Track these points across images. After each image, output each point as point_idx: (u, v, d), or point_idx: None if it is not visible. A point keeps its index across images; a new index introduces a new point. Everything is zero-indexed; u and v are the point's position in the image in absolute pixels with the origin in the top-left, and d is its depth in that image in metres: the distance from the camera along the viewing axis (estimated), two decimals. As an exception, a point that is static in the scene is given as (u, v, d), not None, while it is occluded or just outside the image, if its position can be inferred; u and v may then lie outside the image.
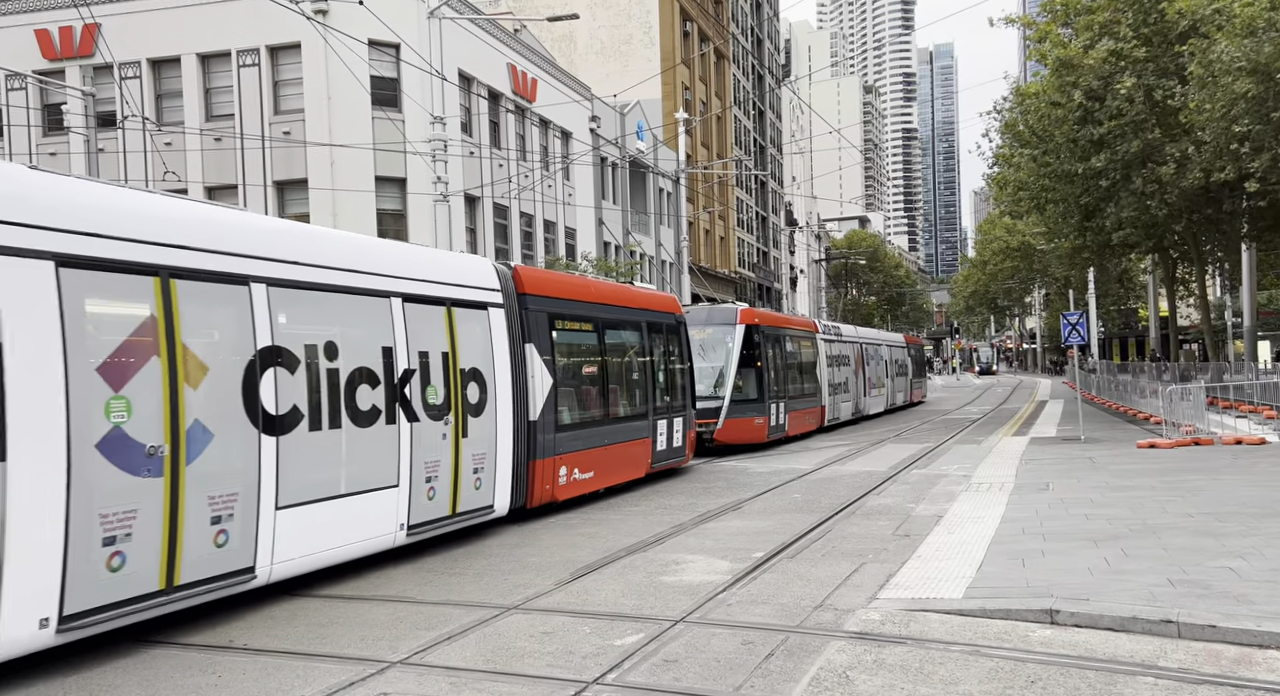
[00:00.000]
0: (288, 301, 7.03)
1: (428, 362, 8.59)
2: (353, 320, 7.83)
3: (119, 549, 5.66)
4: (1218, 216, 23.57)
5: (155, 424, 5.89)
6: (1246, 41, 16.65)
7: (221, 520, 6.36)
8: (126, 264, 5.84)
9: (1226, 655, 5.02)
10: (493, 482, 9.54)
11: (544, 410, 10.57)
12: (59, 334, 5.38)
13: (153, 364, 5.92)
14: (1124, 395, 26.34)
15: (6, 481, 5.05)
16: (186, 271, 6.23)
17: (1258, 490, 10.21)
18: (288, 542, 6.87)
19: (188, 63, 25.08)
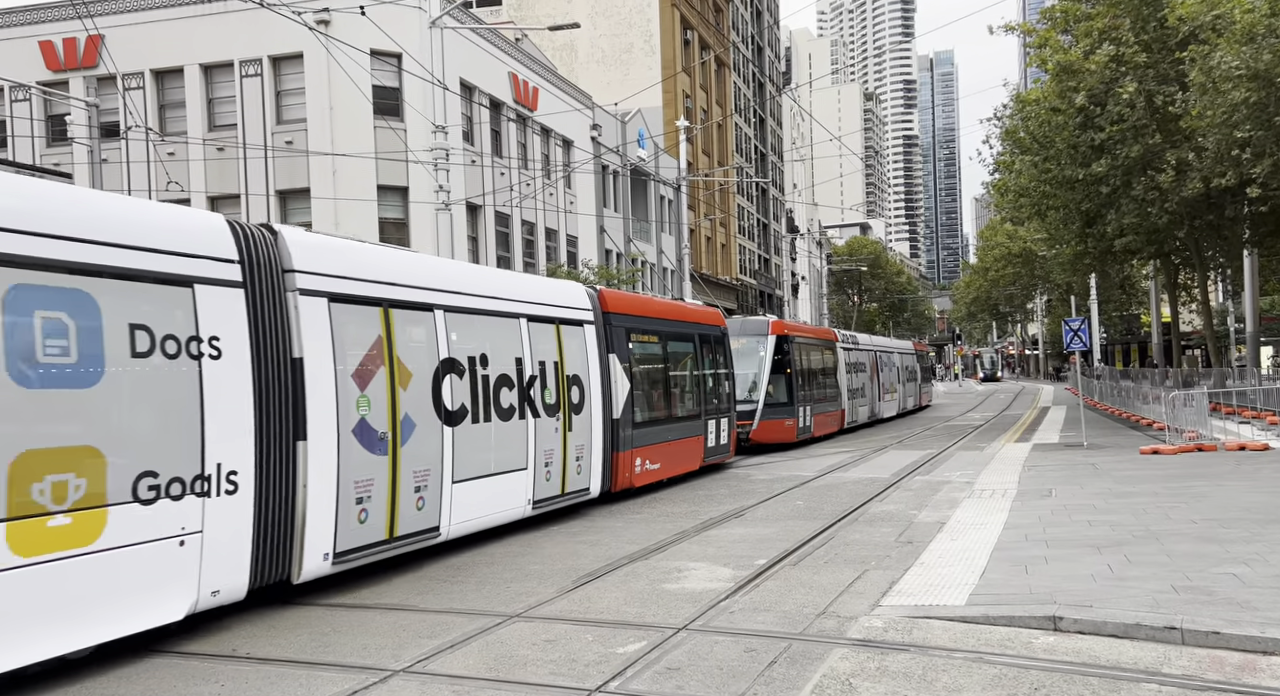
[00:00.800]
0: (456, 323, 9.07)
1: (544, 370, 10.61)
2: (496, 337, 9.80)
3: (364, 507, 7.61)
4: (1219, 222, 23.56)
5: (383, 416, 7.86)
6: (1246, 48, 16.68)
7: (420, 489, 8.32)
8: (365, 299, 7.87)
9: (1230, 662, 5.01)
10: (589, 469, 11.50)
11: (624, 410, 12.42)
12: (330, 350, 7.38)
13: (381, 371, 7.90)
14: (1127, 401, 26.31)
15: (308, 455, 7.04)
16: (398, 303, 8.25)
17: (1261, 496, 10.18)
18: (459, 509, 8.83)
19: (190, 73, 25.21)
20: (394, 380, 8.01)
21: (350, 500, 7.43)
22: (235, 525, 6.44)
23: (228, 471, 6.38)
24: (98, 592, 5.49)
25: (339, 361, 7.44)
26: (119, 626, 5.63)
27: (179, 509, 6.01)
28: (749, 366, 19.40)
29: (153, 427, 5.94)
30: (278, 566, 6.89)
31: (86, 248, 5.61)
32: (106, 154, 22.12)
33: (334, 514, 7.28)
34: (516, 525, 10.27)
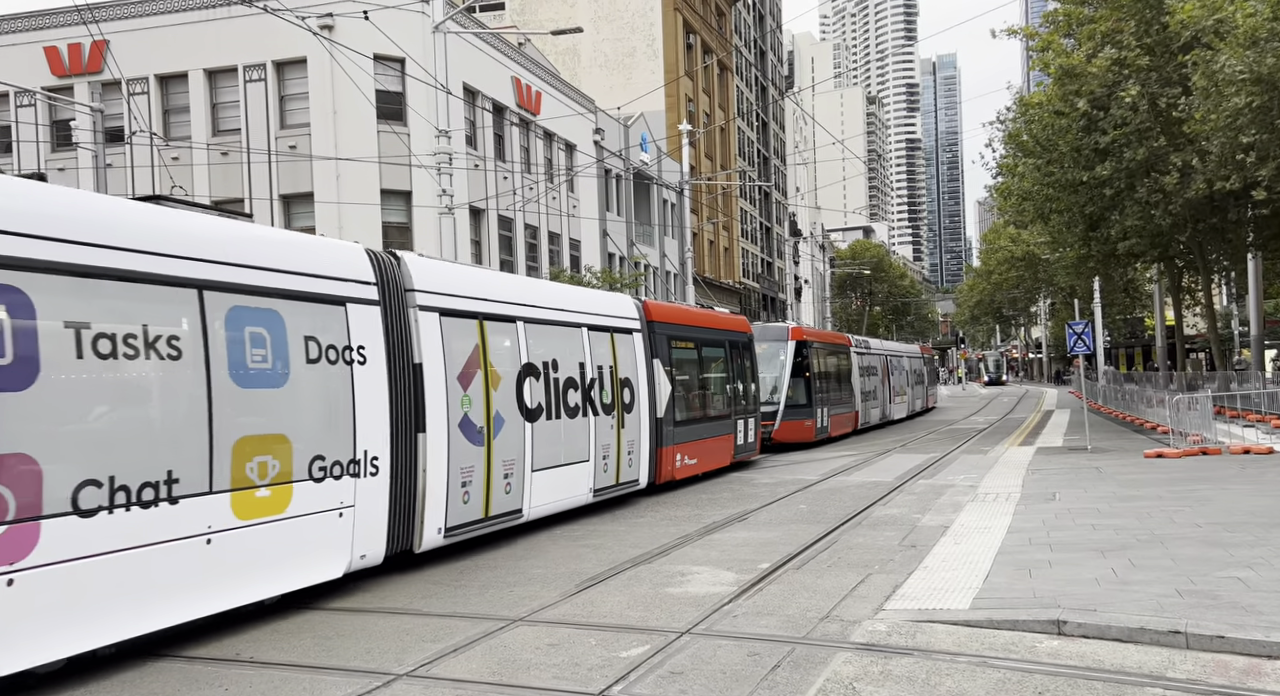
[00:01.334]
0: (533, 333, 10.42)
1: (601, 374, 11.89)
2: (563, 345, 11.07)
3: (466, 490, 8.99)
4: (1223, 225, 23.53)
5: (480, 413, 9.28)
6: (1249, 52, 16.66)
7: (508, 476, 9.70)
8: (466, 313, 9.24)
9: (1235, 666, 4.99)
10: (639, 463, 12.81)
11: (666, 410, 13.65)
12: (442, 357, 8.73)
13: (478, 375, 9.31)
14: (1131, 404, 26.25)
15: (426, 445, 8.40)
16: (490, 316, 9.63)
17: (1266, 500, 10.16)
18: (536, 494, 10.20)
19: (195, 78, 25.30)
20: (488, 382, 9.50)
21: (457, 484, 8.89)
22: (377, 501, 7.83)
23: (372, 457, 7.78)
24: (286, 551, 6.91)
25: (448, 366, 8.86)
26: (299, 579, 7.01)
27: (339, 486, 7.42)
28: (770, 370, 20.42)
29: (321, 420, 7.35)
30: (404, 537, 8.27)
31: (277, 276, 7.02)
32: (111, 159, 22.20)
33: (445, 495, 8.71)
34: (519, 529, 10.28)
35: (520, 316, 10.25)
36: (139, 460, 5.84)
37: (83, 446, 5.55)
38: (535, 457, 10.19)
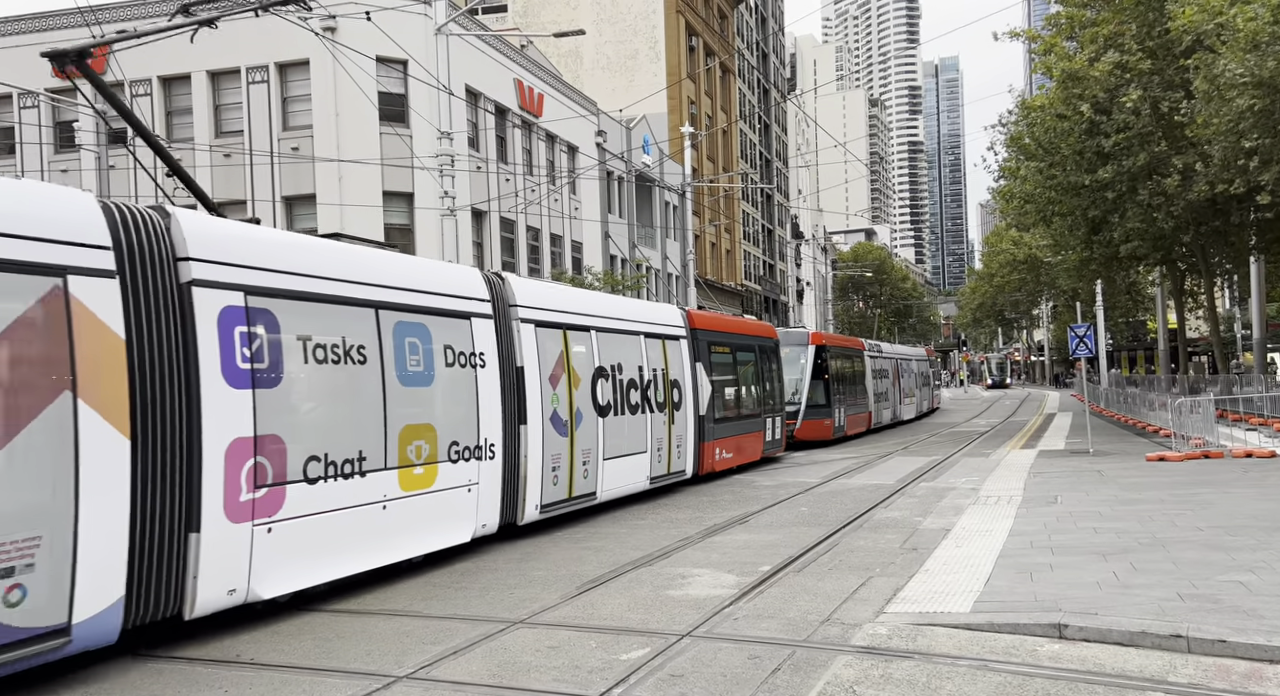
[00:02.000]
0: (603, 340, 12.06)
1: (655, 376, 13.45)
2: (625, 350, 12.66)
3: (555, 473, 10.60)
4: (1226, 228, 23.50)
5: (565, 408, 10.87)
6: (1250, 56, 16.65)
7: (586, 463, 11.27)
8: (553, 324, 10.90)
9: (1237, 670, 4.98)
10: (685, 455, 14.34)
11: (707, 408, 15.18)
12: (537, 361, 10.39)
13: (563, 376, 10.89)
14: (1133, 408, 26.21)
15: (526, 435, 10.00)
16: (570, 326, 11.29)
17: (1268, 503, 10.13)
18: (607, 480, 11.84)
19: (197, 80, 25.34)
20: (570, 383, 11.08)
21: (549, 468, 10.51)
22: (493, 480, 9.48)
23: (490, 443, 9.41)
24: (432, 518, 8.55)
25: (541, 369, 10.47)
26: (439, 541, 8.65)
27: (468, 467, 9.06)
28: (792, 373, 21.65)
29: (456, 412, 8.97)
30: (511, 511, 9.91)
31: (425, 296, 8.70)
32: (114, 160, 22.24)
33: (540, 477, 10.32)
34: (521, 530, 10.28)
35: (593, 326, 11.94)
36: (342, 441, 7.52)
37: (309, 430, 7.25)
38: (606, 448, 11.86)
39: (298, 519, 7.01)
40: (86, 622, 5.39)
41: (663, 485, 13.56)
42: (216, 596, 6.35)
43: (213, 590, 6.31)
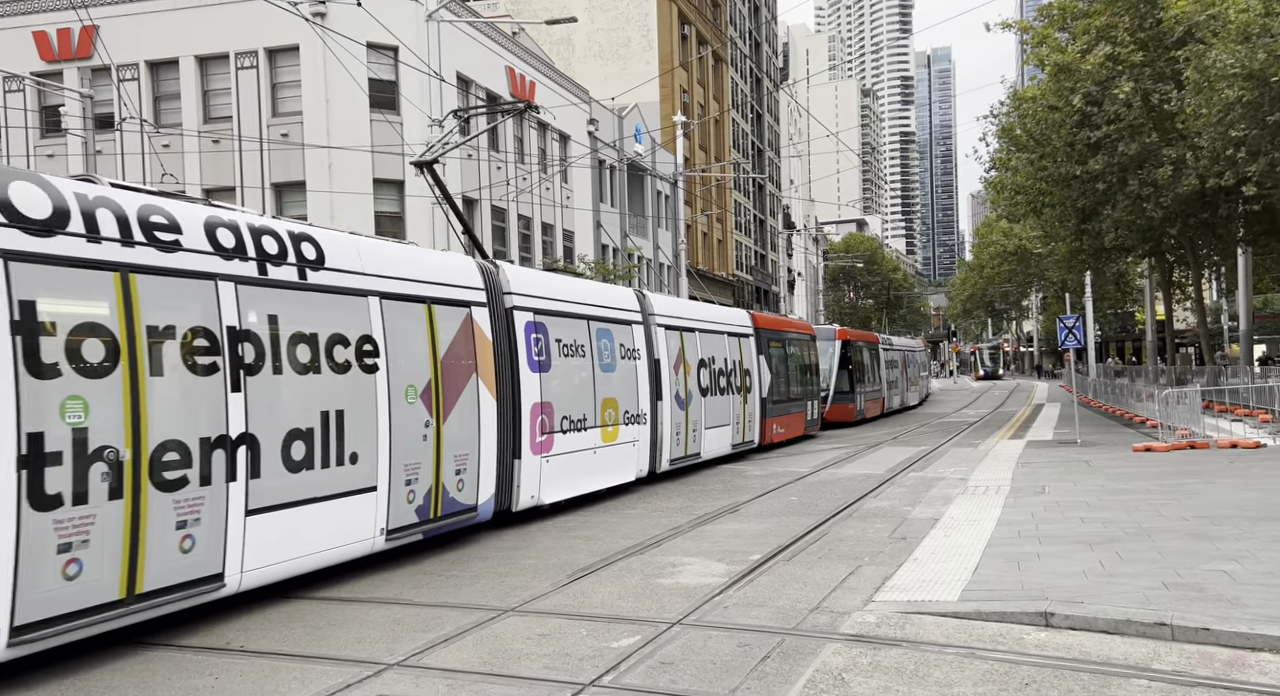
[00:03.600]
0: (704, 339, 15.83)
1: (734, 366, 17.20)
2: (716, 346, 16.41)
3: (678, 437, 14.34)
4: (1214, 220, 23.63)
5: (683, 390, 14.52)
6: (1240, 48, 16.71)
7: (695, 431, 15.03)
8: (675, 327, 14.66)
9: (1220, 657, 5.04)
10: (754, 428, 18.14)
11: (768, 392, 18.97)
12: (666, 354, 14.09)
13: (680, 365, 14.58)
14: (1120, 399, 26.40)
15: (661, 409, 13.67)
16: (684, 328, 15.03)
17: (1253, 493, 10.23)
18: (706, 445, 15.52)
19: (186, 65, 25.09)
20: (685, 371, 14.85)
21: (674, 433, 14.34)
22: (645, 440, 13.35)
23: (643, 413, 13.29)
24: (615, 463, 12.39)
25: (668, 360, 14.29)
26: (617, 478, 12.42)
27: (632, 429, 12.96)
28: (823, 364, 24.82)
29: (627, 390, 12.85)
30: (654, 463, 13.75)
31: (611, 310, 12.75)
32: (101, 145, 22.03)
33: (670, 439, 14.12)
34: (512, 518, 10.29)
35: (696, 328, 15.70)
36: (576, 408, 11.49)
37: (563, 399, 11.15)
38: (706, 420, 15.63)
39: (558, 455, 11.01)
40: (481, 505, 9.40)
41: (742, 450, 17.58)
42: (525, 499, 10.35)
43: (524, 495, 10.32)
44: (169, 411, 6.13)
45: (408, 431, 8.30)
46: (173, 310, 6.25)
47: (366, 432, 7.81)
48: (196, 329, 6.40)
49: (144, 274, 6.08)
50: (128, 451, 5.81)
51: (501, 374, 9.85)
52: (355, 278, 7.95)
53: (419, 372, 8.57)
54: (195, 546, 6.25)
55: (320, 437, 7.34)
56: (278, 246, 7.25)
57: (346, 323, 7.77)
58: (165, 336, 6.17)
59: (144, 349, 5.99)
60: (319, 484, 7.31)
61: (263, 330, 6.94)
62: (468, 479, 9.14)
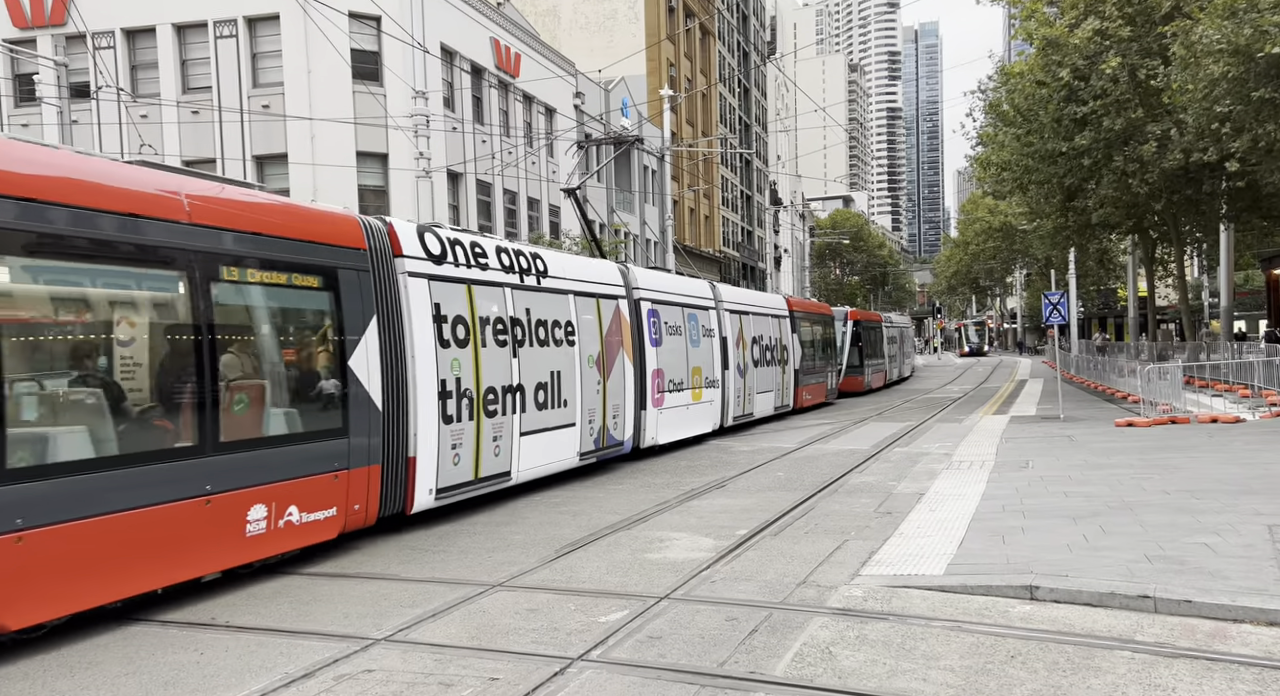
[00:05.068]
0: (754, 320, 19.37)
1: (775, 342, 20.76)
2: (763, 326, 20.01)
3: (739, 402, 18.13)
4: (1197, 197, 23.73)
5: (740, 362, 18.18)
6: (1227, 23, 16.67)
7: (750, 395, 18.74)
8: (735, 311, 18.33)
9: (1202, 629, 5.10)
10: (789, 395, 21.77)
11: (799, 364, 22.65)
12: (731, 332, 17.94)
13: (739, 341, 18.27)
14: (1102, 374, 26.63)
15: (728, 376, 17.54)
16: (742, 312, 18.77)
17: (1233, 468, 10.36)
18: (757, 407, 19.15)
19: (163, 33, 24.57)
20: (742, 346, 18.40)
21: (735, 397, 17.79)
22: (717, 401, 16.71)
23: (716, 379, 16.68)
24: (699, 418, 15.93)
25: (733, 338, 17.75)
26: (701, 429, 15.93)
27: (710, 392, 16.32)
28: (837, 342, 28.38)
29: (707, 361, 16.23)
30: (721, 422, 17.06)
31: (697, 299, 16.36)
32: (77, 115, 21.57)
33: (734, 402, 17.65)
34: (501, 495, 10.28)
35: (750, 311, 19.46)
36: (677, 373, 14.89)
37: (669, 367, 14.51)
38: (758, 386, 19.30)
39: (666, 409, 14.55)
40: (625, 441, 13.06)
41: (781, 412, 21.09)
42: (647, 440, 13.90)
43: (647, 437, 13.89)
44: (489, 369, 9.84)
45: (589, 387, 12.07)
46: (488, 307, 9.94)
47: (570, 386, 11.56)
48: (499, 318, 10.12)
49: (476, 285, 9.77)
50: (475, 392, 9.54)
51: (635, 348, 13.60)
52: (562, 282, 11.70)
53: (593, 346, 12.29)
54: (500, 453, 9.97)
55: (550, 388, 11.08)
56: (528, 263, 10.98)
57: (559, 312, 11.48)
58: (485, 323, 9.83)
59: (478, 331, 9.68)
60: (549, 419, 11.02)
61: (523, 317, 10.62)
62: (619, 422, 12.92)
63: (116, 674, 5.00)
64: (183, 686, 4.79)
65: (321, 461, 7.46)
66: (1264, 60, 16.54)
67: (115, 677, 4.95)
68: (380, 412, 8.14)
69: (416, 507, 8.65)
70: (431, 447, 8.79)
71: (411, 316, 8.68)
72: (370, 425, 8.01)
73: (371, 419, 8.03)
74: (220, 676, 4.91)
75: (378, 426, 8.10)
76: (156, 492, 6.03)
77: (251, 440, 6.87)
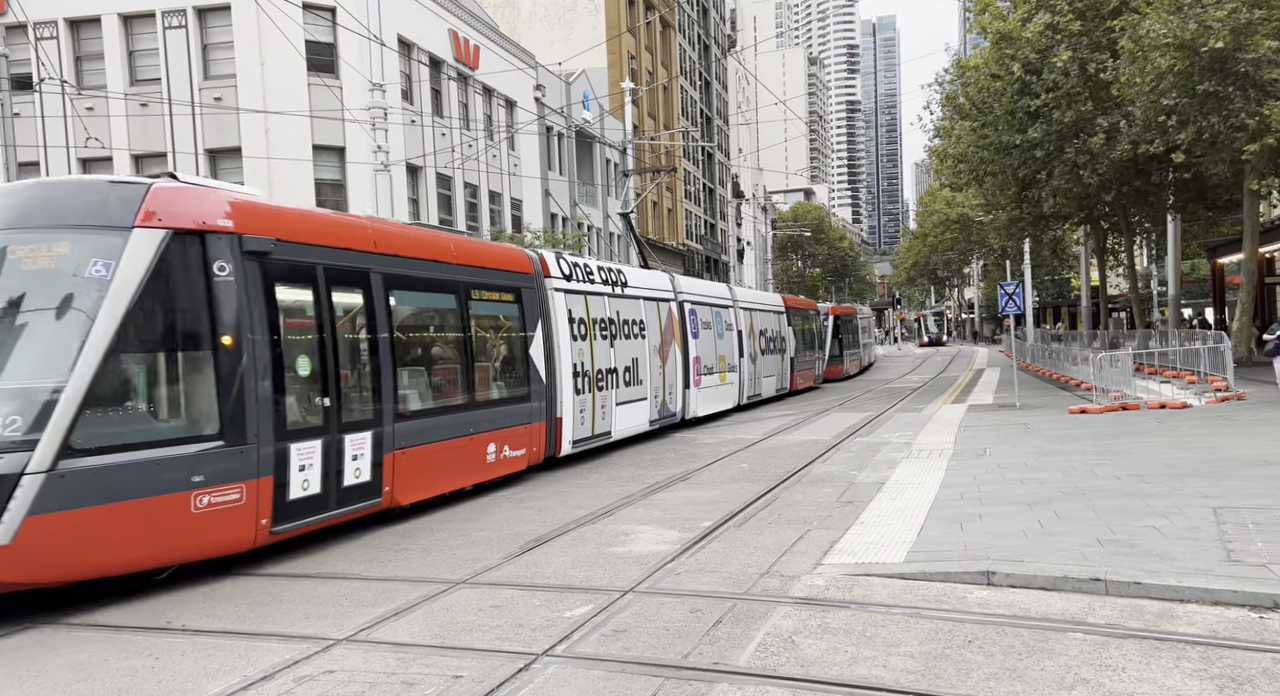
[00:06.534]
0: (760, 316, 23.16)
1: (775, 334, 24.18)
2: (767, 320, 23.61)
3: (751, 383, 21.65)
4: (1145, 188, 24.33)
5: (752, 350, 21.86)
6: (1173, 18, 17.09)
7: (757, 379, 22.29)
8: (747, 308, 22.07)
9: (1150, 610, 5.25)
10: (785, 380, 25.11)
11: (794, 353, 26.14)
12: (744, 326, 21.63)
13: (752, 334, 22.07)
14: (1057, 362, 27.21)
15: (743, 363, 21.08)
16: (752, 310, 22.51)
17: (1180, 452, 10.65)
18: (762, 389, 22.63)
19: (109, 23, 23.89)
20: (753, 338, 21.74)
21: (748, 380, 21.13)
22: (736, 383, 20.36)
23: (735, 366, 20.27)
24: (725, 395, 19.60)
25: (747, 331, 21.29)
26: (726, 405, 19.62)
27: (731, 376, 20.00)
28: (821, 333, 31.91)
29: (729, 350, 19.96)
30: (739, 401, 20.40)
31: (719, 299, 20.09)
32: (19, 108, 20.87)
33: (747, 385, 21.06)
34: (466, 493, 10.21)
35: (757, 308, 22.95)
36: (709, 360, 18.52)
37: (705, 355, 18.29)
38: (763, 372, 22.71)
39: (703, 389, 17.91)
40: (677, 412, 16.64)
41: (781, 394, 24.59)
42: (690, 414, 17.22)
43: (690, 411, 17.21)
44: (599, 355, 13.51)
45: (654, 370, 15.71)
46: (596, 310, 13.59)
47: (644, 369, 15.29)
48: (602, 318, 13.77)
49: (589, 295, 13.44)
50: (591, 372, 13.19)
51: (681, 340, 17.15)
52: (636, 290, 15.40)
53: (655, 338, 15.93)
54: (605, 417, 13.64)
55: (632, 371, 14.79)
56: (616, 277, 14.69)
57: (635, 313, 15.22)
58: (595, 323, 13.50)
59: (592, 328, 13.33)
60: (632, 394, 14.76)
61: (615, 317, 14.30)
62: (673, 398, 16.63)
63: (68, 681, 4.88)
64: (136, 692, 4.69)
65: (519, 417, 11.14)
66: (1208, 54, 16.99)
67: (66, 686, 4.83)
68: (545, 385, 11.82)
69: (563, 452, 12.33)
70: (571, 411, 12.50)
71: (556, 318, 12.35)
72: (541, 394, 11.71)
73: (541, 390, 11.73)
74: (176, 681, 4.81)
75: (543, 395, 11.76)
76: (450, 431, 9.69)
77: (489, 401, 10.62)
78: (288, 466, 7.34)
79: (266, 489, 7.12)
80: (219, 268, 6.96)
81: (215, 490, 6.73)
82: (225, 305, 6.94)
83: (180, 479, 6.51)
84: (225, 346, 6.91)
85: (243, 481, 6.92)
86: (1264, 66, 16.70)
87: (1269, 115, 16.67)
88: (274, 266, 7.42)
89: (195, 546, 6.71)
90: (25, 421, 5.96)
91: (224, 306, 6.94)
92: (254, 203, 7.60)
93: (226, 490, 6.80)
